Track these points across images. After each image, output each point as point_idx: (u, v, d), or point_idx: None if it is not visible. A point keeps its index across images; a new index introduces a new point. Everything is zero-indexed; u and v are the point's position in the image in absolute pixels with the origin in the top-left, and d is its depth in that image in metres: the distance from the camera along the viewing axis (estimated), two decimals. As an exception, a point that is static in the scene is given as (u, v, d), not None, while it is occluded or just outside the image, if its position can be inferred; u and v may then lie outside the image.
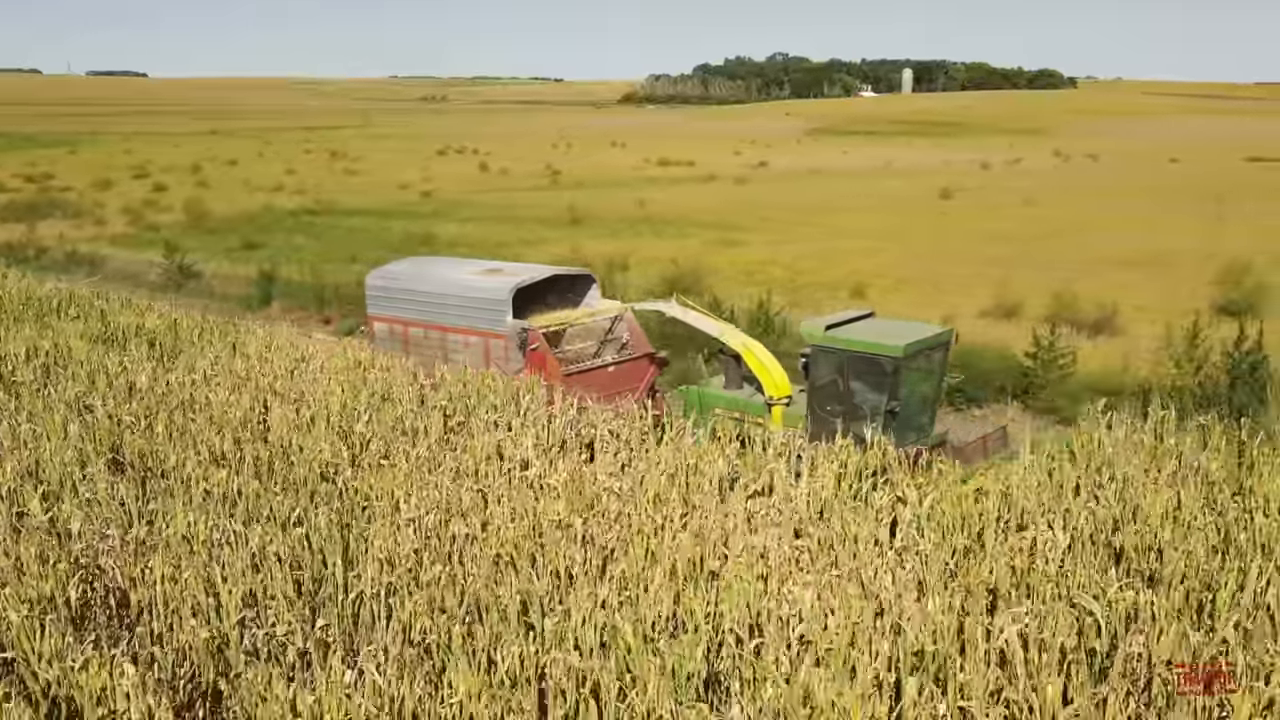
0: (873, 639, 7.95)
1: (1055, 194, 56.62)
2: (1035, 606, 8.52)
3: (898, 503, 10.95)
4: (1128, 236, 38.48)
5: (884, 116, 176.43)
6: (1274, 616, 8.42)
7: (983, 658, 7.92)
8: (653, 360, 18.83)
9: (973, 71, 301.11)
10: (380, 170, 78.98)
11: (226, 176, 73.26)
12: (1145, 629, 8.01)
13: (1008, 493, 10.83)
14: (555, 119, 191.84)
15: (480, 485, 11.62)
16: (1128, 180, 68.61)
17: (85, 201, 55.21)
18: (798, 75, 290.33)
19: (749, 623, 8.70)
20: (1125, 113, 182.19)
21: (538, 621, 8.67)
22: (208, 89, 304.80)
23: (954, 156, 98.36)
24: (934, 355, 15.12)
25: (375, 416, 14.29)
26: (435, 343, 18.84)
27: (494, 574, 9.66)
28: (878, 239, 38.78)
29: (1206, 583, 9.07)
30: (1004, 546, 9.78)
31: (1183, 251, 34.16)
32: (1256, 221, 42.20)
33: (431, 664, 8.13)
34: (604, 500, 11.15)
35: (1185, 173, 78.34)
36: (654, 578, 9.20)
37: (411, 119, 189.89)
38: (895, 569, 9.37)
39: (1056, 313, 25.32)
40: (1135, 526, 9.93)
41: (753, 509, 11.01)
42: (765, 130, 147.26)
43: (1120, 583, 8.94)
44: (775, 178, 74.01)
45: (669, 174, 77.72)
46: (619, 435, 13.48)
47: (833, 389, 14.97)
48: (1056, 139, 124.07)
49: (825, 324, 15.21)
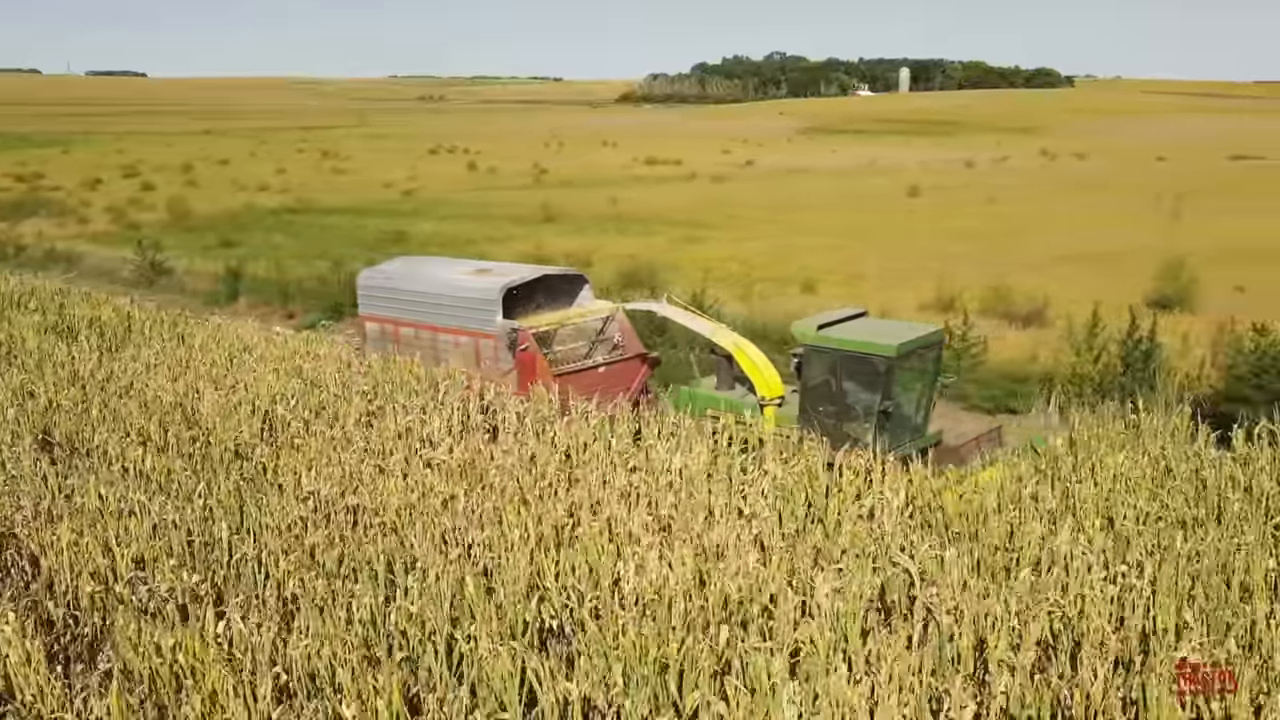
0: (691, 592, 8.77)
1: (1030, 192, 57.33)
2: (852, 564, 9.34)
3: (762, 475, 11.79)
4: (1085, 233, 39.23)
5: (878, 115, 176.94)
6: (1068, 566, 9.24)
7: (795, 608, 8.75)
8: (645, 360, 18.64)
9: (970, 70, 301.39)
10: (368, 170, 79.67)
11: (216, 176, 73.95)
12: (940, 582, 8.84)
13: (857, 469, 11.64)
14: (551, 119, 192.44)
15: (380, 462, 12.45)
16: (1108, 179, 69.20)
17: (71, 200, 55.99)
18: (795, 74, 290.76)
19: (599, 580, 9.54)
20: (1120, 112, 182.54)
21: (401, 580, 9.50)
22: (207, 89, 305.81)
23: (942, 155, 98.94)
24: (927, 355, 14.88)
25: (301, 401, 15.13)
26: (426, 343, 18.66)
27: (375, 539, 10.50)
28: (838, 236, 39.55)
29: (1020, 544, 9.89)
30: (846, 515, 10.62)
31: (1134, 248, 34.87)
32: (1212, 219, 42.98)
33: (294, 614, 8.96)
34: (490, 475, 11.99)
35: (1169, 171, 78.84)
36: (513, 542, 10.03)
37: (408, 119, 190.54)
38: (741, 533, 10.20)
39: (991, 305, 26.12)
40: (966, 495, 10.76)
41: (632, 482, 11.86)
42: (758, 129, 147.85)
43: (945, 547, 9.77)
44: (755, 176, 74.74)
45: (654, 173, 78.40)
46: (524, 418, 14.31)
47: (825, 389, 14.76)
48: (1048, 138, 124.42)
49: (817, 323, 14.98)
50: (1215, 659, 7.49)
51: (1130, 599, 8.46)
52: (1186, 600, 8.57)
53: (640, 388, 18.29)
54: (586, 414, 14.14)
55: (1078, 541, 9.48)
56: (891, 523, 10.31)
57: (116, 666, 8.28)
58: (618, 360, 18.41)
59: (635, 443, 13.21)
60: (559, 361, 17.93)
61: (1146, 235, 38.13)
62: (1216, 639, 7.96)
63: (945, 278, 28.60)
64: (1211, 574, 8.95)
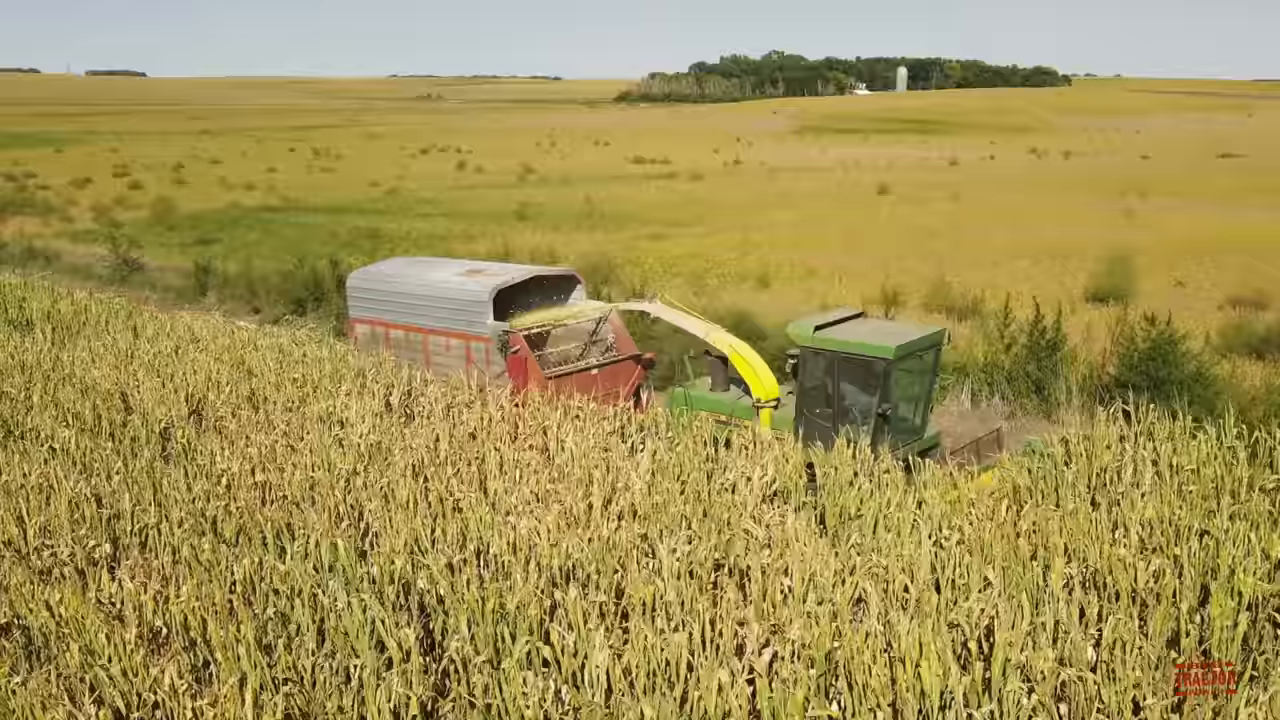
0: (536, 559, 9.56)
1: (1005, 190, 57.96)
2: (698, 531, 10.12)
3: (649, 455, 12.56)
4: (1047, 230, 39.91)
5: (872, 114, 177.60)
6: (899, 531, 10.03)
7: (638, 571, 9.53)
8: (639, 361, 18.33)
9: (967, 69, 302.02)
10: (357, 169, 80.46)
11: (206, 175, 74.75)
12: (782, 547, 9.63)
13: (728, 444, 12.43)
14: (548, 118, 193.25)
15: (293, 442, 13.24)
16: (1090, 177, 69.78)
17: (58, 199, 56.83)
18: (792, 73, 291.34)
19: (475, 546, 10.32)
20: (1114, 111, 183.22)
21: (287, 545, 10.29)
22: (206, 88, 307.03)
23: (929, 154, 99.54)
24: (926, 356, 14.63)
25: (234, 388, 15.93)
26: (417, 345, 18.40)
27: (274, 511, 11.28)
28: (802, 232, 40.32)
29: (863, 511, 10.68)
30: (710, 488, 11.40)
31: (1090, 244, 35.56)
32: (1177, 216, 43.77)
33: (185, 575, 9.75)
34: (394, 454, 12.77)
35: (1153, 169, 79.44)
36: (395, 512, 10.83)
37: (405, 118, 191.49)
38: (610, 504, 10.98)
39: (934, 300, 26.86)
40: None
41: (525, 459, 12.64)
42: (751, 128, 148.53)
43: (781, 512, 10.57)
44: (738, 175, 75.45)
45: (640, 171, 79.11)
46: (439, 402, 15.10)
47: (822, 391, 14.53)
48: (1039, 137, 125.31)
49: (814, 325, 14.72)
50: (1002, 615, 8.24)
51: (942, 558, 9.23)
52: (995, 559, 9.34)
53: (634, 389, 18.00)
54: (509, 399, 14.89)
55: (906, 507, 10.27)
56: (752, 495, 11.08)
57: (11, 619, 9.07)
58: (611, 362, 18.12)
59: (542, 426, 13.97)
60: (552, 363, 17.71)
61: (1106, 232, 38.86)
62: (1012, 593, 8.73)
63: (895, 273, 29.35)
64: (1023, 535, 9.73)
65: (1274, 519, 9.78)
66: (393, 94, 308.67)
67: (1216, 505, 10.33)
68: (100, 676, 8.14)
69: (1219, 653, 7.79)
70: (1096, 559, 9.12)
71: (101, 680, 8.13)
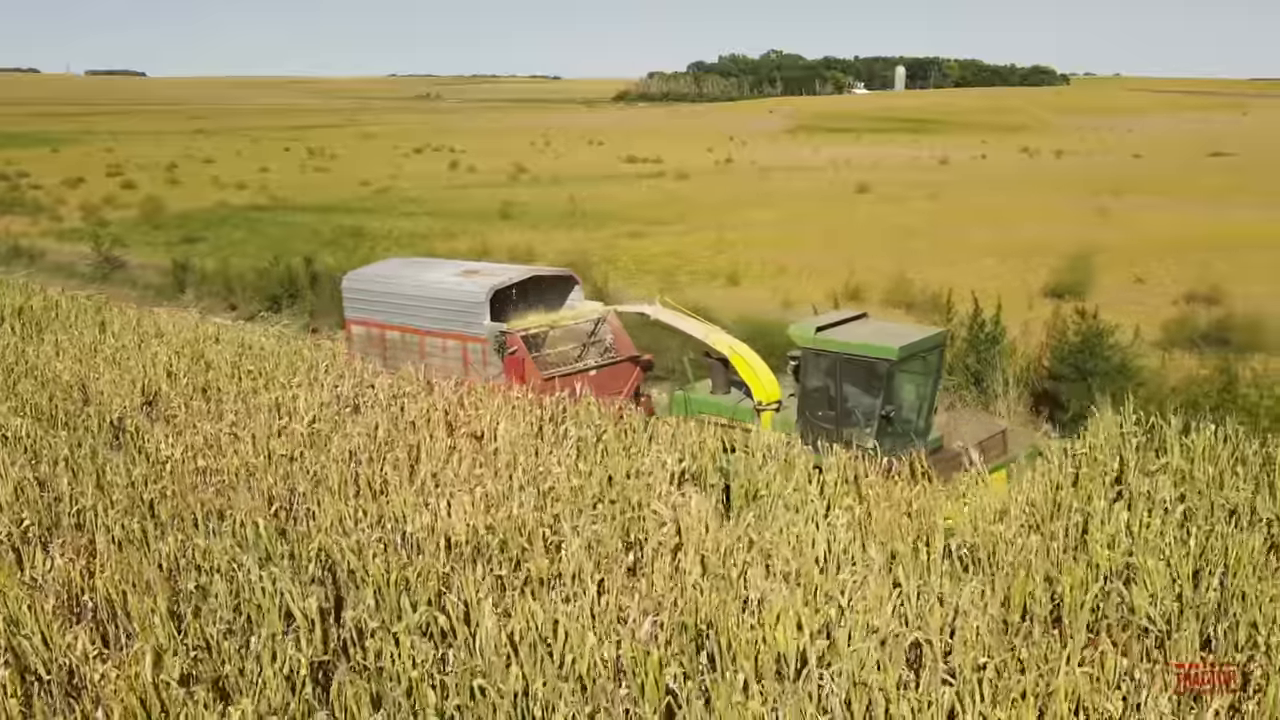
0: (449, 536, 10.09)
1: (987, 188, 58.44)
2: (606, 512, 10.65)
3: (578, 441, 13.09)
4: (1019, 227, 40.42)
5: (868, 114, 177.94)
6: (799, 508, 10.55)
7: (543, 548, 10.06)
8: (637, 363, 18.17)
9: (966, 68, 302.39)
10: (349, 168, 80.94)
11: (199, 174, 75.25)
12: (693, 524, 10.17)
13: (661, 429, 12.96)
14: (545, 117, 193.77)
15: (236, 430, 13.76)
16: (1076, 175, 70.20)
17: (49, 199, 57.37)
18: (791, 72, 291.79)
19: (392, 525, 10.85)
20: (1111, 110, 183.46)
21: (215, 525, 10.82)
22: (205, 88, 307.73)
23: (921, 153, 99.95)
24: (929, 357, 14.45)
25: (190, 380, 16.47)
26: (413, 346, 18.25)
27: (210, 495, 11.81)
28: (778, 231, 40.82)
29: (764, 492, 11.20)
30: (630, 471, 11.93)
31: (1060, 241, 36.02)
32: (1154, 214, 44.29)
33: (113, 553, 10.27)
34: (334, 441, 13.31)
35: (1143, 167, 79.87)
36: (323, 495, 11.37)
37: (402, 117, 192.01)
38: (527, 487, 11.51)
39: (894, 296, 27.36)
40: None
41: (459, 445, 13.18)
42: (746, 127, 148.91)
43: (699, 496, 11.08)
44: (727, 173, 75.98)
45: (631, 170, 79.59)
46: (387, 393, 15.63)
47: (824, 394, 14.33)
48: (1033, 136, 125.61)
49: (816, 326, 14.55)
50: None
51: (819, 535, 9.75)
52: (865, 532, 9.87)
53: (633, 391, 17.87)
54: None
55: (803, 488, 10.80)
56: (663, 478, 11.60)
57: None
58: (610, 363, 18.02)
59: (475, 413, 14.49)
60: (549, 365, 17.57)
61: (1079, 230, 39.31)
62: (891, 566, 9.24)
63: (860, 271, 29.87)
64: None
65: (1150, 497, 10.27)
66: (391, 93, 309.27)
67: (1103, 486, 10.84)
68: (24, 646, 8.65)
69: (1068, 618, 8.29)
70: (973, 535, 9.63)
71: (25, 649, 8.65)
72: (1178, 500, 10.21)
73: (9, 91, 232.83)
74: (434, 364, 17.51)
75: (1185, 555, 8.89)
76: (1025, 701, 6.97)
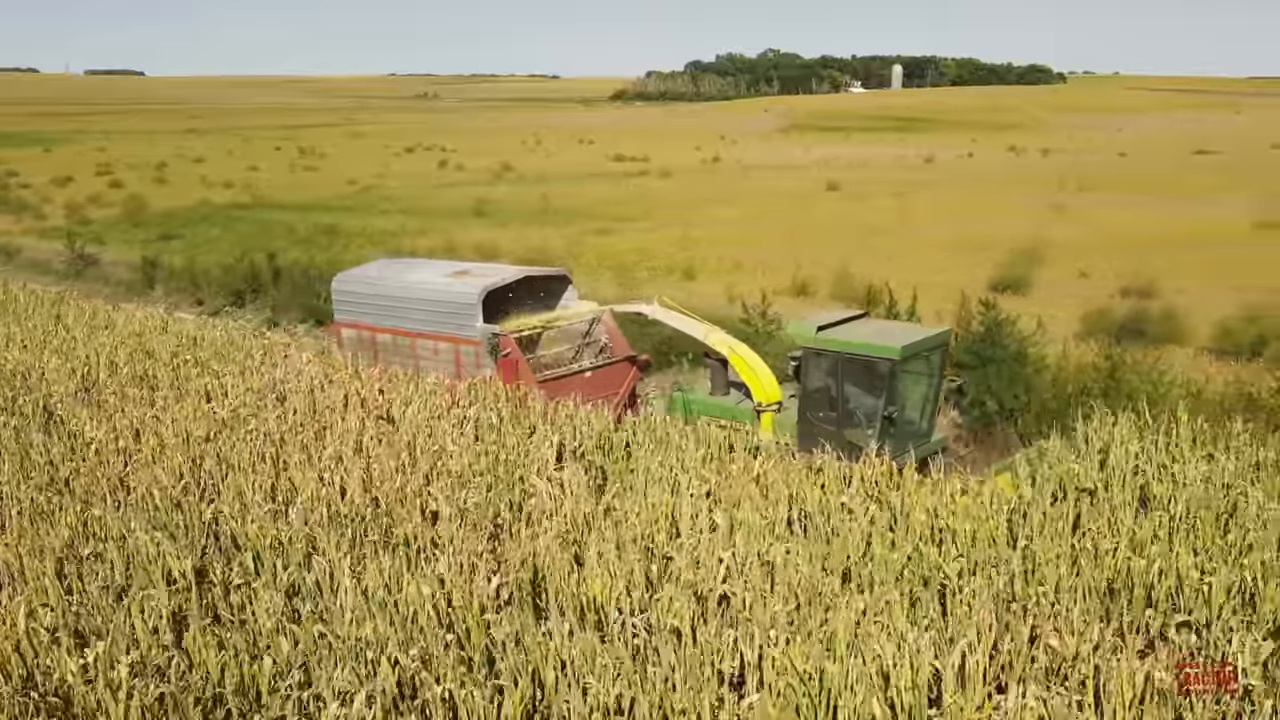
0: (335, 507, 10.87)
1: (965, 186, 59.06)
2: (484, 484, 11.43)
3: (475, 423, 13.87)
4: (978, 223, 41.16)
5: (862, 112, 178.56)
6: (675, 488, 11.30)
7: (420, 516, 10.84)
8: (634, 363, 18.00)
9: (963, 67, 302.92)
10: (338, 167, 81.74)
11: (189, 173, 76.07)
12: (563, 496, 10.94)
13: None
14: (542, 116, 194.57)
15: (158, 413, 14.54)
16: (1056, 173, 70.78)
17: (35, 198, 58.22)
18: (788, 71, 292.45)
19: (284, 497, 11.63)
20: (1104, 109, 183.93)
21: (121, 498, 11.59)
22: (203, 87, 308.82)
23: (908, 152, 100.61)
24: (931, 357, 14.19)
25: (130, 369, 17.25)
26: (405, 349, 18.06)
27: (123, 472, 12.59)
28: (741, 228, 41.62)
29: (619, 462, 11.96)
30: (519, 449, 12.70)
31: (1015, 236, 36.74)
32: (1116, 211, 45.03)
33: (21, 523, 11.05)
34: (250, 423, 14.08)
35: (1127, 165, 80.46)
36: (227, 472, 12.15)
37: (397, 116, 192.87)
38: (426, 463, 12.28)
39: (838, 290, 28.13)
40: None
41: (367, 427, 13.95)
42: (739, 126, 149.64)
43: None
44: (713, 172, 76.72)
45: (617, 169, 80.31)
46: (314, 379, 16.40)
47: (825, 394, 14.14)
48: (1023, 135, 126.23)
49: (817, 325, 14.37)
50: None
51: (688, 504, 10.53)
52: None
53: (629, 392, 17.74)
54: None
55: (668, 464, 11.57)
56: (548, 456, 12.38)
57: None
58: (605, 364, 17.81)
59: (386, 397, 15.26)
60: (543, 367, 17.41)
61: (1038, 227, 40.04)
62: (735, 531, 10.00)
63: (808, 266, 30.66)
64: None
65: (989, 463, 11.03)
66: (390, 93, 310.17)
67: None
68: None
69: (877, 576, 9.05)
70: (809, 503, 10.40)
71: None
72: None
73: (8, 91, 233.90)
74: (426, 367, 17.28)
75: (988, 518, 9.67)
76: (809, 640, 7.72)
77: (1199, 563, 8.74)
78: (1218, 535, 9.41)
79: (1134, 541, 9.29)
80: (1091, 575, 8.69)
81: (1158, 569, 8.52)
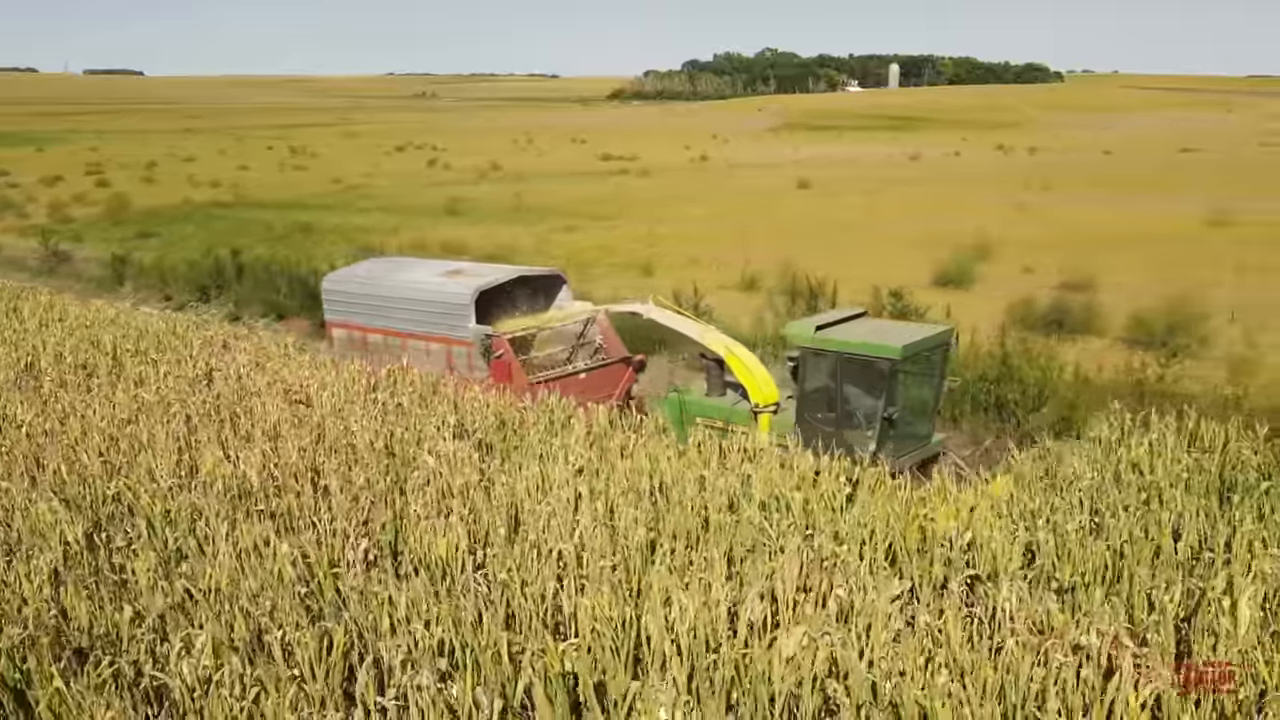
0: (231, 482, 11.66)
1: (939, 184, 59.83)
2: (377, 460, 12.21)
3: (383, 405, 14.67)
4: (939, 221, 41.86)
5: (856, 111, 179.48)
6: (540, 456, 12.09)
7: (313, 489, 11.62)
8: (629, 364, 17.91)
9: (960, 66, 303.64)
10: (327, 166, 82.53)
11: (178, 172, 76.86)
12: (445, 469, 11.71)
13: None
14: (539, 116, 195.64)
15: (88, 398, 15.34)
16: (1035, 171, 71.41)
17: (21, 196, 59.04)
18: (785, 70, 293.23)
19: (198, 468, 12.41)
20: (1104, 108, 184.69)
21: (36, 475, 12.39)
22: (201, 87, 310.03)
23: (895, 150, 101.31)
24: (933, 357, 13.97)
25: (73, 358, 18.06)
26: (396, 349, 17.91)
27: (47, 453, 13.38)
28: (706, 225, 42.36)
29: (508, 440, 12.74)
30: (414, 429, 13.49)
31: (970, 233, 37.46)
32: (1081, 208, 45.77)
33: None
34: (174, 407, 14.87)
35: (1112, 163, 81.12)
36: (139, 452, 12.95)
37: (393, 116, 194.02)
38: (321, 442, 13.07)
39: (780, 284, 28.85)
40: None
41: (283, 410, 14.76)
42: (732, 125, 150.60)
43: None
44: (699, 170, 77.45)
45: (604, 168, 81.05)
46: (245, 368, 17.20)
47: (824, 395, 13.92)
48: (1013, 133, 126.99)
49: (815, 324, 14.22)
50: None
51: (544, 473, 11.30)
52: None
53: (625, 393, 17.64)
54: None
55: (548, 442, 12.37)
56: (443, 434, 13.17)
57: None
58: (600, 365, 17.71)
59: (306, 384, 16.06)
60: (537, 368, 17.25)
61: (998, 223, 40.77)
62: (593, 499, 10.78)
63: (757, 261, 31.43)
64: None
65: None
66: (388, 92, 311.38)
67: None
68: None
69: (713, 539, 9.81)
70: (667, 475, 11.20)
71: None
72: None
73: (7, 91, 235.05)
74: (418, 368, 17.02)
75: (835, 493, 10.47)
76: (618, 589, 8.50)
77: (1002, 524, 9.52)
78: (1031, 502, 10.18)
79: (957, 511, 10.06)
80: (903, 536, 9.46)
81: (957, 529, 9.29)
